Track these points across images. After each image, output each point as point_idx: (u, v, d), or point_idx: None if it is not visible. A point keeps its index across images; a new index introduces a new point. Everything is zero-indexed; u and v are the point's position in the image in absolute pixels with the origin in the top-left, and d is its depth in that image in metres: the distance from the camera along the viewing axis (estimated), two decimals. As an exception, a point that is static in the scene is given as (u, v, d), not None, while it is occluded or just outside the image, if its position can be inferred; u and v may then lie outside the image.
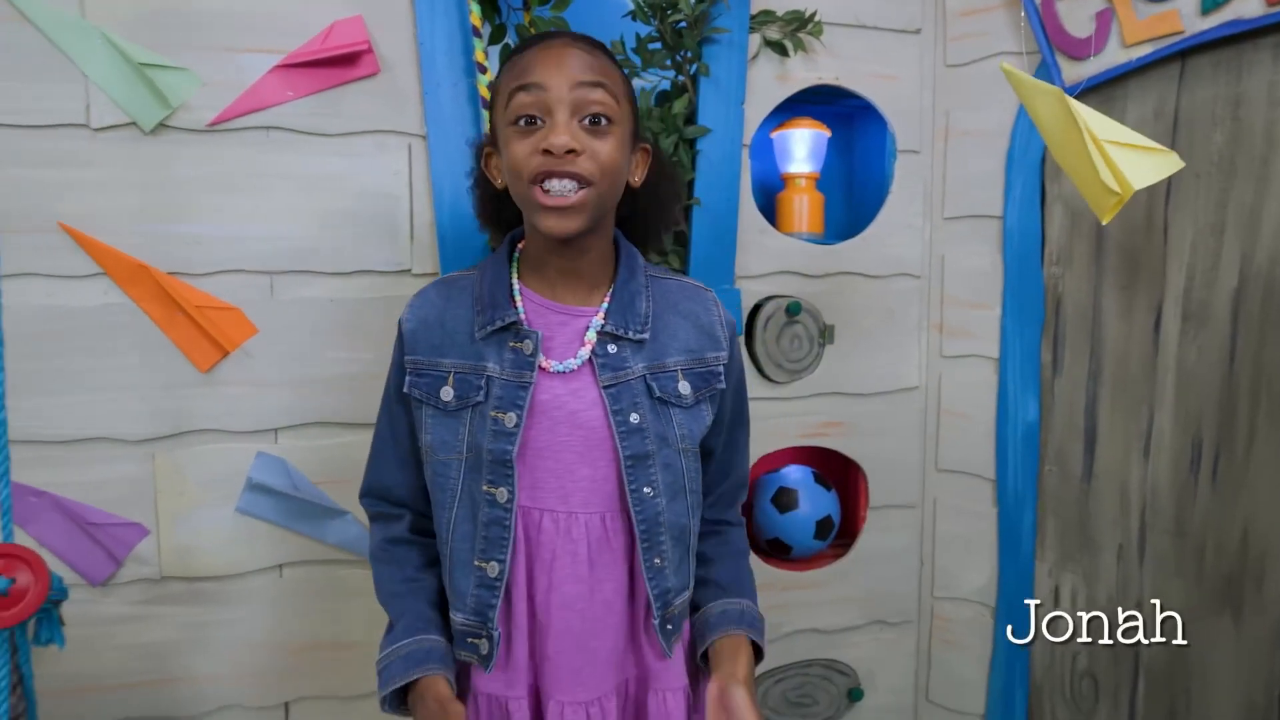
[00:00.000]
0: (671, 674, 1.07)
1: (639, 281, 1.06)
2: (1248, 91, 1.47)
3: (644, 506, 1.02)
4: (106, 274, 1.40)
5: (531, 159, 0.95)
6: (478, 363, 1.02)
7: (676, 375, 1.04)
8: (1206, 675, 1.58)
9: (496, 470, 0.99)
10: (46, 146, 1.36)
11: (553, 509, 1.01)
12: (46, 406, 1.38)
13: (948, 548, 1.84)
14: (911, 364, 1.81)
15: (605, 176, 0.98)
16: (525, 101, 0.96)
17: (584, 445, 1.01)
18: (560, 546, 1.01)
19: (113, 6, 1.36)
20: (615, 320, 1.03)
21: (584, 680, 1.03)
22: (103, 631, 1.43)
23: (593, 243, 1.03)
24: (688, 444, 1.06)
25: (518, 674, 1.03)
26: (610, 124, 0.97)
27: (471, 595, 1.01)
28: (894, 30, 1.73)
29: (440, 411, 1.03)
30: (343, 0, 1.45)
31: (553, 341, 1.03)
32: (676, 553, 1.05)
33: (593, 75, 0.96)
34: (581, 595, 1.02)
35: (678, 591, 1.06)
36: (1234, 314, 1.51)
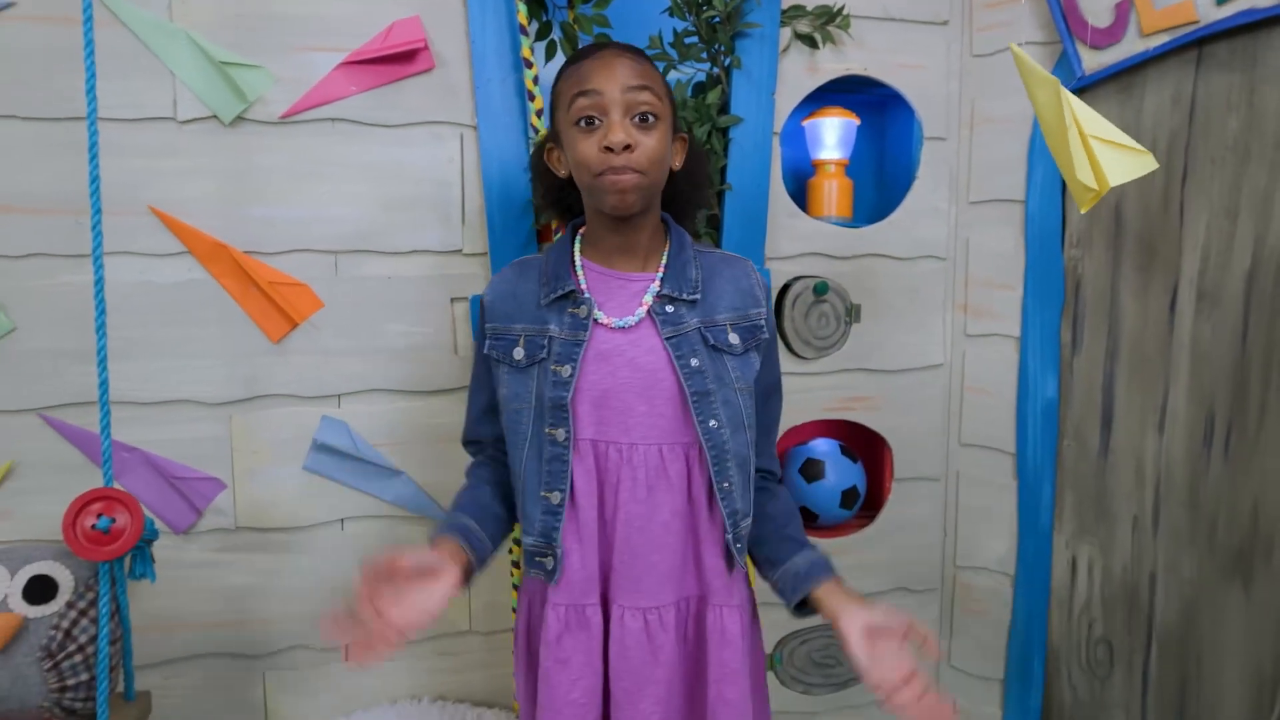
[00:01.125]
0: (730, 592, 1.20)
1: (688, 254, 1.23)
2: (1262, 79, 1.52)
3: (712, 437, 1.17)
4: (190, 253, 1.55)
5: (595, 156, 1.12)
6: (542, 326, 1.18)
7: (726, 328, 1.20)
8: (1217, 643, 1.64)
9: (555, 414, 1.16)
10: (139, 138, 1.51)
11: (616, 441, 1.17)
12: (137, 372, 1.54)
13: (969, 519, 1.92)
14: (936, 342, 1.89)
15: (654, 165, 1.14)
16: (585, 105, 1.12)
17: (642, 386, 1.16)
18: (623, 473, 1.17)
19: (196, 11, 1.51)
20: (670, 284, 1.19)
21: (643, 589, 1.17)
22: (185, 575, 1.59)
23: (644, 220, 1.20)
24: (742, 384, 1.20)
25: (590, 584, 1.18)
26: (656, 120, 1.13)
27: (539, 520, 1.17)
28: (921, 22, 1.81)
29: (513, 369, 1.19)
30: (401, 1, 1.58)
31: (612, 303, 1.19)
32: (741, 478, 1.20)
33: (639, 80, 1.12)
34: (641, 515, 1.16)
35: (745, 514, 1.20)
36: (1246, 295, 1.56)
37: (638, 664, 1.17)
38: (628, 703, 1.17)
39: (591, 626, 1.18)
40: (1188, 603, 1.67)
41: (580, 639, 1.18)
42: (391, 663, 1.69)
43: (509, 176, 1.63)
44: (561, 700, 1.17)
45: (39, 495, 1.52)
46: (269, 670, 1.65)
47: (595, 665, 1.18)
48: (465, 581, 1.12)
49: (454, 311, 1.65)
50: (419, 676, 1.71)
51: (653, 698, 1.18)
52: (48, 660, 1.26)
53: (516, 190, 1.64)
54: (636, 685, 1.17)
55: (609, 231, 1.19)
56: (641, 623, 1.18)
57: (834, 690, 1.92)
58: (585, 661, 1.18)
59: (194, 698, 1.61)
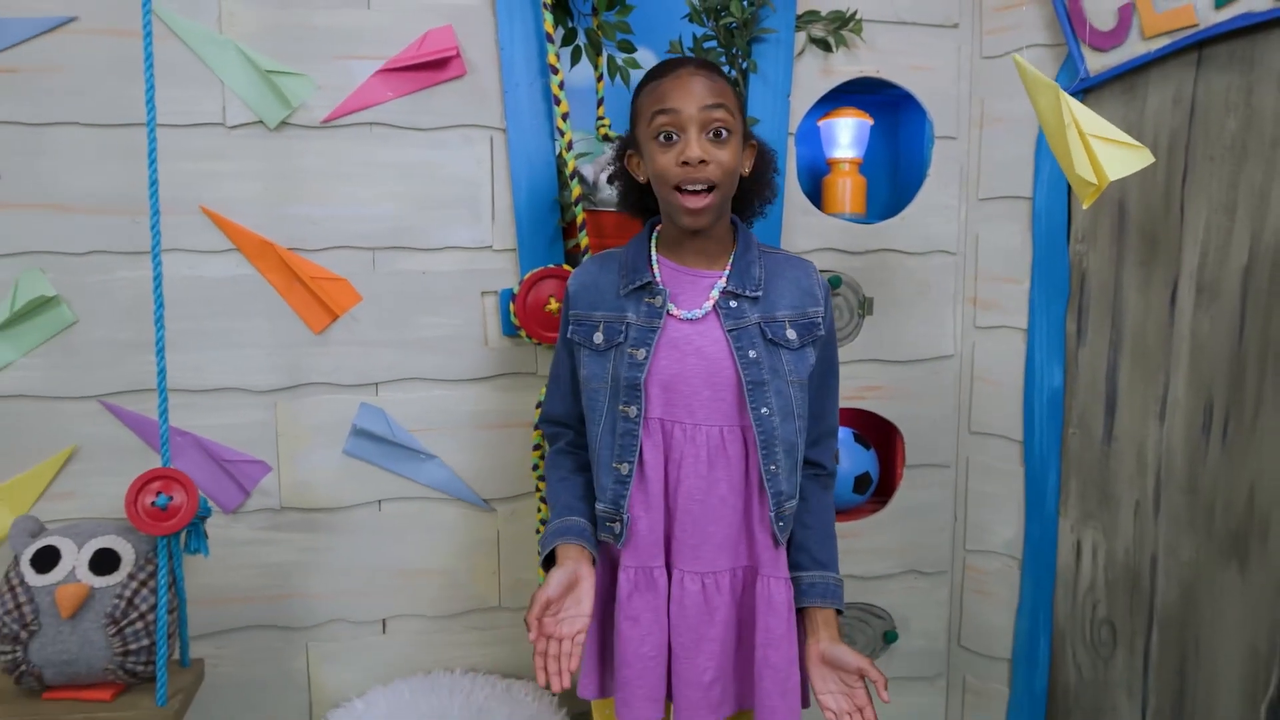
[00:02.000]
0: (778, 565, 1.31)
1: (753, 254, 1.33)
2: (1259, 80, 1.58)
3: (763, 424, 1.28)
4: (238, 249, 1.65)
5: (673, 169, 1.23)
6: (620, 313, 1.30)
7: (784, 325, 1.30)
8: (1215, 623, 1.70)
9: (630, 393, 1.27)
10: (190, 142, 1.62)
11: (682, 421, 1.28)
12: (189, 362, 1.65)
13: (978, 504, 1.99)
14: (947, 334, 1.96)
15: (726, 177, 1.26)
16: (664, 122, 1.23)
17: (706, 372, 1.28)
18: (686, 450, 1.28)
19: (244, 23, 1.61)
20: (735, 282, 1.30)
21: (701, 556, 1.29)
22: (233, 552, 1.70)
23: (715, 226, 1.31)
24: (795, 377, 1.31)
25: (655, 549, 1.30)
26: (729, 134, 1.24)
27: (610, 489, 1.29)
28: (932, 25, 1.88)
29: (593, 352, 1.31)
30: (434, 12, 1.67)
31: (683, 296, 1.30)
32: (788, 463, 1.30)
33: (714, 98, 1.23)
34: (701, 489, 1.28)
35: (789, 496, 1.31)
36: (1244, 289, 1.62)
37: (695, 622, 1.29)
38: (685, 657, 1.29)
39: (659, 587, 1.30)
40: (1187, 585, 1.73)
41: (648, 599, 1.29)
42: (425, 636, 1.79)
43: (536, 176, 1.72)
44: (633, 654, 1.29)
45: (99, 476, 1.63)
46: (311, 641, 1.75)
47: (662, 622, 1.30)
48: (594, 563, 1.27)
49: (484, 304, 1.74)
50: (452, 649, 1.81)
51: (707, 654, 1.29)
52: (112, 626, 1.36)
53: (543, 189, 1.73)
54: (694, 642, 1.29)
55: (683, 235, 1.31)
56: (699, 586, 1.29)
57: (847, 668, 2.00)
58: (653, 619, 1.29)
59: (242, 667, 1.71)
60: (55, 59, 1.56)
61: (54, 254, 1.59)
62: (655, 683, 1.30)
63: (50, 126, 1.57)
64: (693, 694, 1.30)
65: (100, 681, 1.39)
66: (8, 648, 1.35)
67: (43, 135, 1.57)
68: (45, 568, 1.37)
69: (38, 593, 1.35)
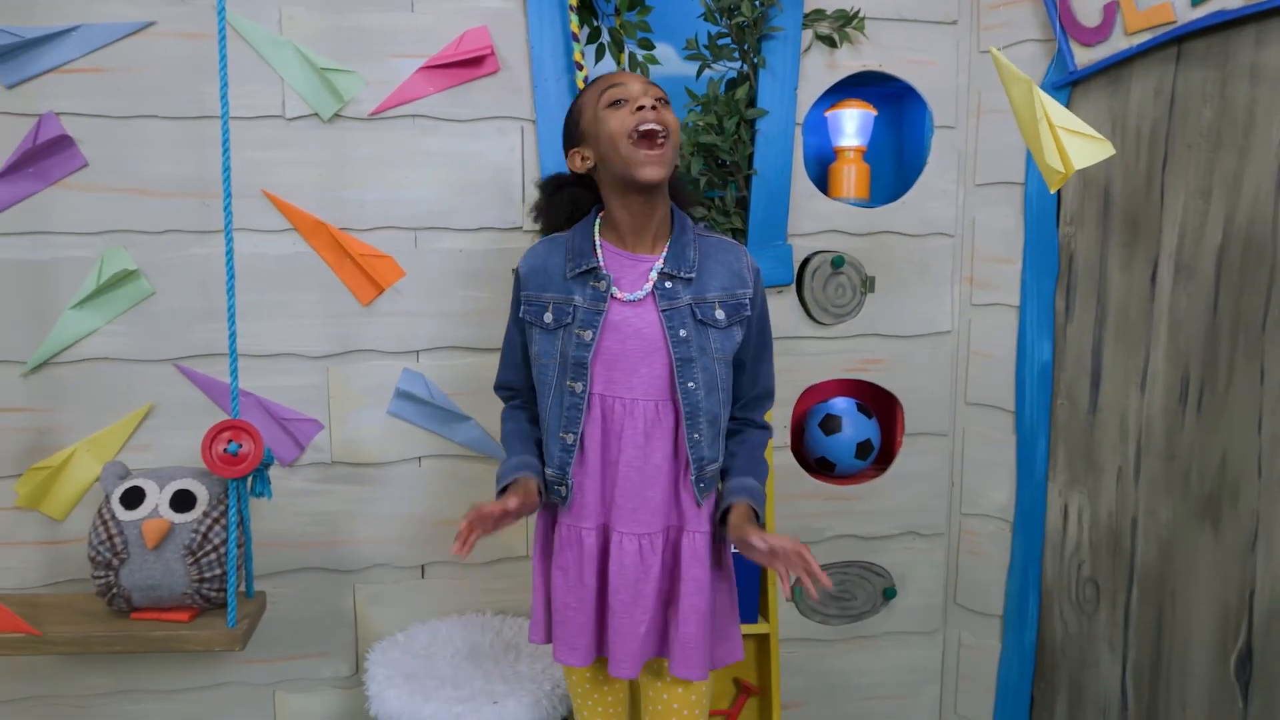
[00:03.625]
0: (699, 520, 1.42)
1: (688, 237, 1.42)
2: (1233, 73, 1.70)
3: (688, 396, 1.38)
4: (295, 229, 1.84)
5: (629, 118, 1.33)
6: (568, 296, 1.39)
7: (714, 305, 1.39)
8: (1189, 580, 1.83)
9: (576, 370, 1.38)
10: (254, 133, 1.80)
11: (622, 396, 1.39)
12: (251, 330, 1.84)
13: (973, 470, 2.13)
14: (945, 311, 2.10)
15: (673, 132, 1.36)
16: (614, 94, 1.36)
17: (644, 352, 1.38)
18: (626, 423, 1.39)
19: (301, 26, 1.79)
20: (671, 264, 1.39)
21: (639, 519, 1.39)
22: (290, 501, 1.89)
23: (658, 202, 1.39)
24: (721, 355, 1.40)
25: (590, 512, 1.41)
26: (668, 105, 1.37)
27: (557, 456, 1.40)
28: (932, 22, 2.01)
29: (543, 330, 1.41)
30: (471, 14, 1.84)
31: (624, 279, 1.39)
32: (710, 432, 1.40)
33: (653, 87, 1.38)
34: (639, 457, 1.39)
35: (710, 461, 1.41)
36: (1218, 268, 1.74)
37: (633, 580, 1.39)
38: (624, 612, 1.39)
39: (585, 546, 1.40)
40: (1164, 545, 1.86)
41: (576, 554, 1.41)
42: (460, 581, 1.97)
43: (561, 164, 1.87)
44: (560, 601, 1.42)
45: (172, 431, 1.83)
46: (359, 583, 1.94)
47: (588, 580, 1.41)
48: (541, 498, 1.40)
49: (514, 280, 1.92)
50: (482, 594, 1.99)
51: (644, 608, 1.39)
52: (189, 557, 1.56)
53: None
54: (632, 598, 1.39)
55: (627, 214, 1.39)
56: (637, 546, 1.40)
57: (849, 621, 2.15)
58: (578, 574, 1.41)
59: (298, 604, 1.91)
60: (136, 59, 1.76)
61: (135, 233, 1.79)
62: (575, 632, 1.41)
63: (132, 119, 1.77)
64: (629, 645, 1.39)
65: (179, 605, 1.59)
66: (102, 573, 1.55)
67: (126, 127, 1.77)
68: (132, 505, 1.58)
69: (126, 526, 1.56)
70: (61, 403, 1.80)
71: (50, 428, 1.80)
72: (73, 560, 1.81)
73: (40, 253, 1.77)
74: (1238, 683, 1.77)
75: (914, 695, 2.20)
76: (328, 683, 1.95)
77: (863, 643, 2.16)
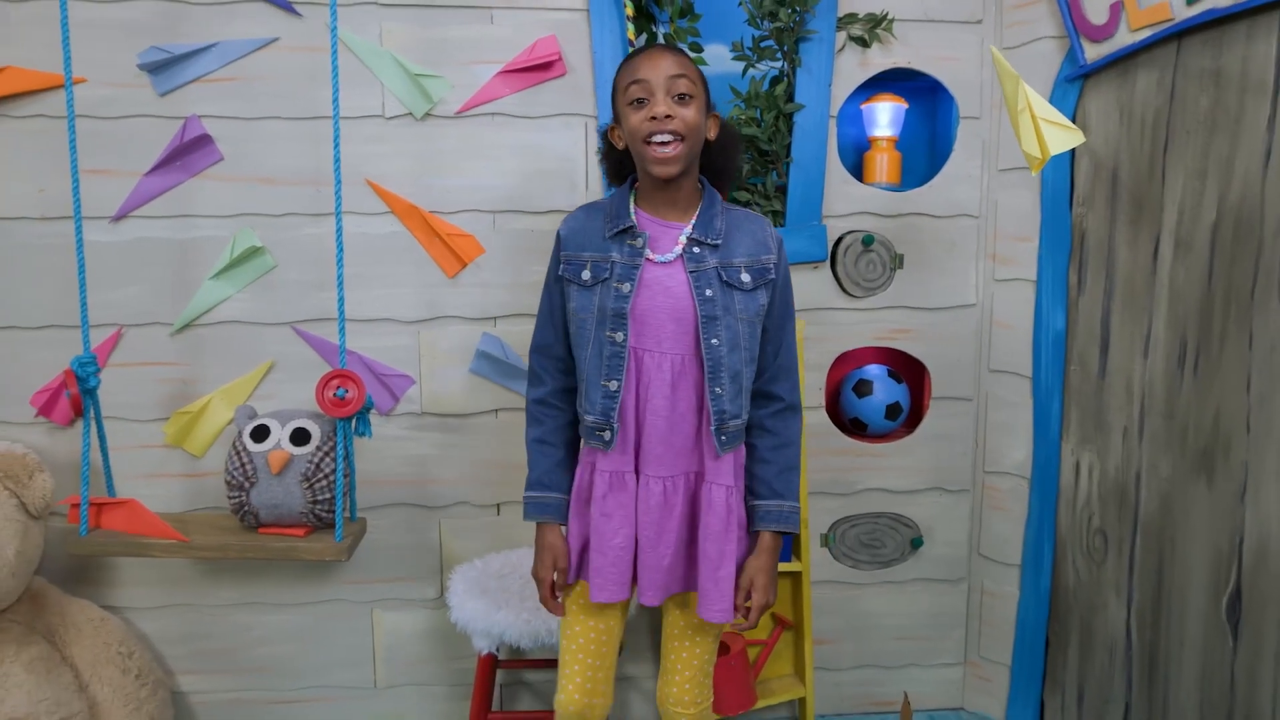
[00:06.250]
0: (719, 472, 1.52)
1: (716, 209, 1.53)
2: (1227, 65, 1.86)
3: (711, 351, 1.48)
4: (392, 212, 2.15)
5: (644, 124, 1.44)
6: (606, 254, 1.49)
7: (740, 269, 1.50)
8: (1187, 528, 2.00)
9: (616, 321, 1.48)
10: (358, 130, 2.12)
11: (651, 349, 1.49)
12: (355, 298, 2.15)
13: (995, 431, 2.32)
14: (969, 285, 2.30)
15: (691, 132, 1.45)
16: (636, 90, 1.45)
17: (672, 309, 1.49)
18: (654, 374, 1.49)
19: (398, 38, 2.10)
20: (699, 231, 1.50)
21: (665, 463, 1.51)
22: (385, 445, 2.21)
23: (684, 181, 1.50)
24: (745, 315, 1.50)
25: (628, 457, 1.52)
26: (691, 98, 1.44)
27: (600, 403, 1.50)
28: (958, 22, 2.21)
29: (581, 287, 1.51)
30: (542, 25, 2.12)
31: (657, 243, 1.50)
32: (732, 388, 1.50)
33: (677, 69, 1.44)
34: (665, 407, 1.50)
35: (732, 415, 1.50)
36: (1212, 242, 1.91)
37: (658, 517, 1.51)
38: (649, 547, 1.52)
39: (629, 488, 1.52)
40: (1165, 497, 2.03)
41: (620, 498, 1.52)
42: (530, 519, 2.26)
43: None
44: (606, 544, 1.52)
45: (290, 384, 2.16)
46: (443, 518, 2.25)
47: (630, 518, 1.52)
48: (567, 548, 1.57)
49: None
50: (550, 531, 2.28)
51: (666, 544, 1.53)
52: (305, 483, 1.88)
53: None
54: (657, 535, 1.52)
55: (656, 190, 1.50)
56: (661, 488, 1.51)
57: (879, 567, 2.37)
58: (624, 516, 1.52)
59: (392, 535, 2.23)
60: (263, 70, 2.09)
61: (260, 215, 2.12)
62: (625, 569, 1.52)
63: (259, 120, 2.10)
64: (655, 576, 1.52)
65: (297, 522, 1.91)
66: (235, 494, 1.89)
67: (254, 126, 2.10)
68: (259, 439, 1.90)
69: (255, 456, 1.89)
70: (201, 358, 2.15)
71: (192, 379, 2.15)
72: (209, 491, 2.16)
73: (185, 233, 2.12)
74: (1228, 622, 1.94)
75: (940, 638, 2.41)
76: (416, 603, 2.26)
77: (892, 588, 2.38)
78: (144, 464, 2.14)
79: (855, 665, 2.39)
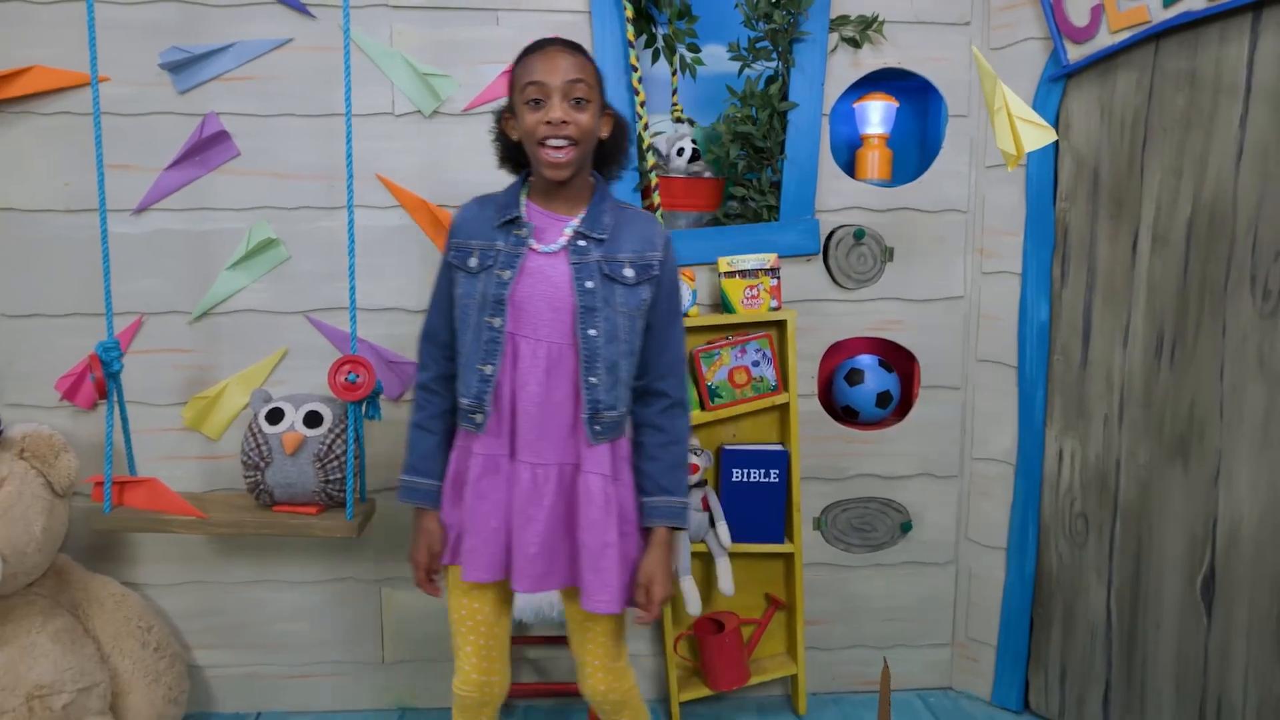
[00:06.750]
0: (595, 462, 1.53)
1: (606, 205, 1.56)
2: (1201, 65, 1.94)
3: (588, 342, 1.50)
4: (401, 206, 2.24)
5: (540, 128, 1.46)
6: (493, 242, 1.53)
7: (624, 264, 1.52)
8: (1164, 512, 2.08)
9: (495, 307, 1.50)
10: (368, 127, 2.21)
11: (528, 336, 1.51)
12: (364, 288, 2.23)
13: (982, 419, 2.40)
14: (957, 278, 2.38)
15: (585, 136, 1.48)
16: (533, 91, 1.46)
17: (551, 297, 1.51)
18: (530, 360, 1.51)
19: (408, 39, 2.19)
20: (586, 226, 1.52)
21: (538, 450, 1.52)
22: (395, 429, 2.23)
23: (575, 179, 1.53)
24: (625, 309, 1.52)
25: (503, 441, 1.53)
26: (587, 103, 1.47)
27: (475, 386, 1.52)
28: (947, 23, 2.29)
29: (467, 273, 1.54)
30: (546, 27, 2.20)
31: (544, 235, 1.53)
32: (608, 379, 1.51)
33: (575, 73, 1.46)
34: (540, 394, 1.51)
35: (606, 406, 1.52)
36: (1188, 237, 1.99)
37: (525, 504, 1.52)
38: (517, 531, 1.53)
39: (503, 472, 1.54)
40: (1143, 482, 2.11)
41: (495, 481, 1.53)
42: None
43: (621, 150, 2.23)
44: (480, 526, 1.54)
45: (303, 370, 2.25)
46: (449, 500, 2.34)
47: (504, 502, 1.54)
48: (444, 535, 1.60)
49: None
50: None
51: (533, 532, 1.52)
52: (318, 463, 1.97)
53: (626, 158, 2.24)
54: (524, 521, 1.53)
55: (548, 183, 1.53)
56: (530, 475, 1.52)
57: (869, 551, 2.45)
58: (498, 499, 1.53)
59: (400, 515, 2.31)
60: (278, 69, 2.18)
61: (275, 208, 2.21)
62: (496, 551, 1.53)
63: (274, 117, 2.19)
64: (521, 563, 1.53)
65: (310, 501, 2.00)
66: (251, 473, 1.98)
67: (269, 123, 2.19)
68: (274, 421, 2.00)
69: (270, 437, 1.98)
70: (218, 345, 2.24)
71: (209, 365, 2.24)
72: (225, 472, 2.26)
73: (203, 225, 2.21)
74: (1203, 601, 2.02)
75: (929, 619, 2.49)
76: (423, 582, 2.36)
77: (883, 570, 2.46)
78: (163, 446, 2.24)
79: (846, 645, 2.47)
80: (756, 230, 2.29)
